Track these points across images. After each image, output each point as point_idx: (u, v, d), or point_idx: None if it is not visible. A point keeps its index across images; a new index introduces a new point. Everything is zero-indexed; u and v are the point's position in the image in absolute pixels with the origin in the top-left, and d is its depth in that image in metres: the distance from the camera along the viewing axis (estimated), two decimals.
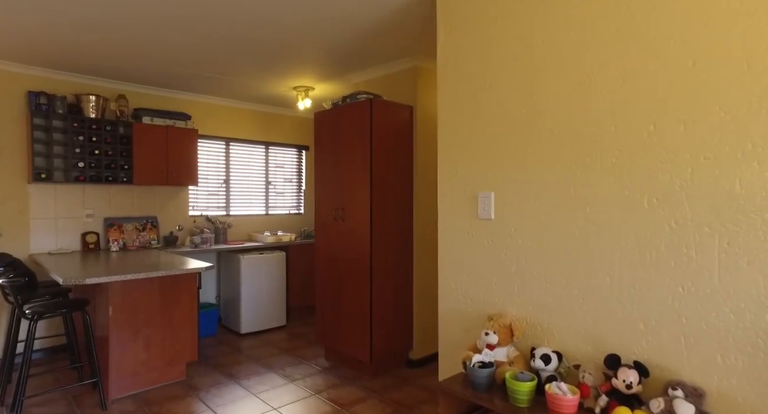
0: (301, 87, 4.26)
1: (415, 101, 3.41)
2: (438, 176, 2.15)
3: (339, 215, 3.33)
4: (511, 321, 1.77)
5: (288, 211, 5.42)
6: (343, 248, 3.31)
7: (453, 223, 2.07)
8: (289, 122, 5.41)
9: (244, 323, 4.26)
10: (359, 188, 3.17)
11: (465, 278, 2.02)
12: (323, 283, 3.49)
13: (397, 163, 3.30)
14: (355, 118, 3.20)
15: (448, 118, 2.09)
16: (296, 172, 5.53)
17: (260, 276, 4.35)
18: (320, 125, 3.50)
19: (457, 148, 2.05)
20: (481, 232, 1.95)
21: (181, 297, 3.02)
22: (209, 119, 4.75)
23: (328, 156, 3.43)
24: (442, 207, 2.13)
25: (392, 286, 3.27)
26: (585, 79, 1.58)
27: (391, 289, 3.26)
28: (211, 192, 4.79)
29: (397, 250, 3.30)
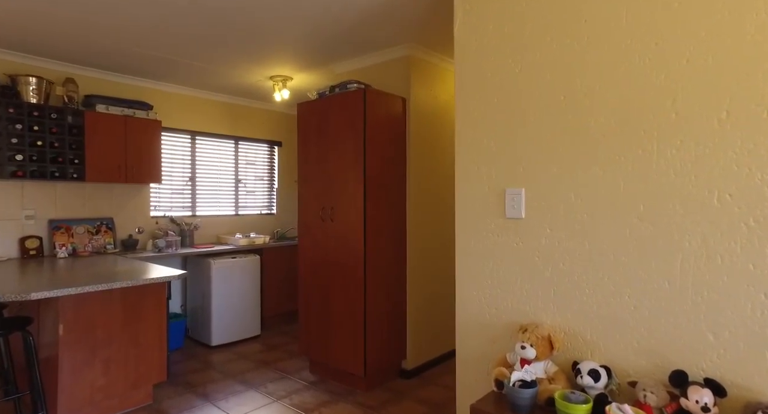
0: (279, 77, 3.93)
1: (408, 93, 3.19)
2: (456, 172, 1.94)
3: (327, 215, 3.05)
4: (549, 332, 1.58)
5: (259, 211, 5.05)
6: (331, 251, 3.03)
7: (474, 224, 1.87)
8: (261, 116, 5.04)
9: (216, 334, 3.87)
10: (351, 185, 2.91)
11: (488, 284, 1.82)
12: (308, 290, 3.20)
13: (390, 158, 3.07)
14: (346, 109, 2.93)
15: (468, 107, 1.88)
16: (268, 170, 5.17)
17: (233, 282, 3.98)
18: (305, 117, 3.20)
19: (479, 139, 1.84)
20: (508, 233, 1.76)
21: (147, 310, 2.64)
22: (173, 110, 4.31)
23: (314, 150, 3.14)
24: (461, 205, 1.92)
25: (386, 292, 3.03)
26: (639, 61, 1.42)
27: (384, 294, 3.02)
28: (175, 190, 4.35)
29: (390, 252, 3.07)
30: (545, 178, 1.65)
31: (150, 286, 2.62)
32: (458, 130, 1.92)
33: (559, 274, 1.62)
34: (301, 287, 3.24)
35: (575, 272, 1.57)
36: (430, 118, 3.40)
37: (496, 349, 1.80)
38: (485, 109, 1.82)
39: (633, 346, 1.43)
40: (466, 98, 1.89)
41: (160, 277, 2.52)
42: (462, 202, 1.91)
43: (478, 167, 1.86)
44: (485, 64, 1.82)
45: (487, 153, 1.82)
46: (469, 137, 1.88)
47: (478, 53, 1.84)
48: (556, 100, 1.61)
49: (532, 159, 1.68)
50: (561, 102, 1.60)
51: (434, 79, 3.41)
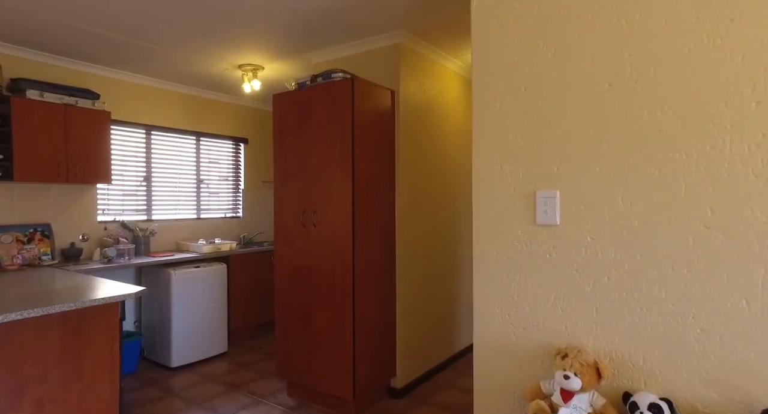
0: (249, 66, 3.55)
1: (397, 86, 2.92)
2: (473, 171, 1.69)
3: (309, 219, 2.72)
4: (595, 358, 1.36)
5: (223, 214, 4.61)
6: (314, 259, 2.71)
7: (496, 231, 1.62)
8: (226, 110, 4.60)
9: (176, 354, 3.43)
10: (338, 186, 2.59)
11: (515, 300, 1.58)
12: (286, 302, 2.85)
13: (379, 156, 2.79)
14: (331, 101, 2.62)
15: (488, 97, 1.63)
16: (233, 169, 4.73)
17: (196, 294, 3.55)
18: (282, 109, 2.85)
19: (503, 134, 1.60)
20: (540, 242, 1.52)
21: (94, 336, 2.20)
22: (126, 101, 3.81)
23: (293, 146, 2.80)
24: (480, 210, 1.66)
25: (376, 303, 2.74)
26: (707, 42, 1.22)
27: (375, 306, 2.73)
28: (127, 192, 3.85)
29: (380, 259, 2.78)
30: (585, 179, 1.43)
31: (98, 308, 2.19)
32: (476, 123, 1.67)
33: (603, 290, 1.40)
34: (278, 300, 2.89)
35: (623, 288, 1.36)
36: (421, 113, 3.15)
37: (525, 375, 1.56)
38: (510, 99, 1.58)
39: (700, 375, 1.23)
40: (485, 86, 1.64)
41: (113, 297, 2.10)
42: (481, 206, 1.66)
43: (501, 166, 1.61)
44: (509, 47, 1.58)
45: (512, 150, 1.58)
46: (489, 132, 1.64)
47: (500, 34, 1.60)
48: (600, 88, 1.39)
49: (569, 157, 1.46)
50: (605, 91, 1.38)
51: (424, 71, 3.16)
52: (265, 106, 4.95)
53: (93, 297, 2.06)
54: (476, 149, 1.68)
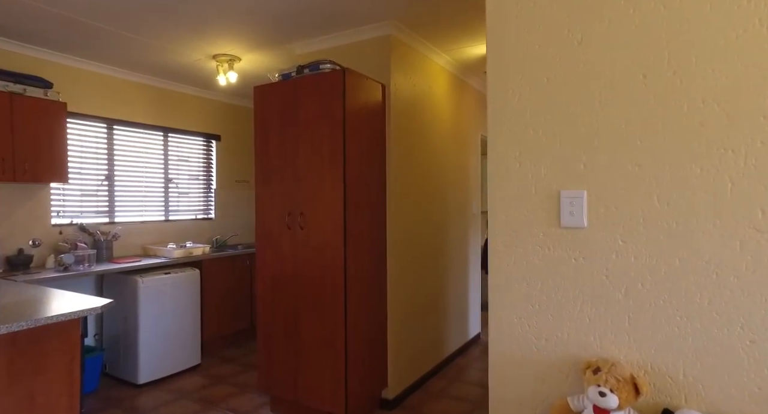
0: (224, 56, 3.29)
1: (387, 80, 2.76)
2: (489, 169, 1.55)
3: (295, 222, 2.52)
4: (632, 372, 1.24)
5: (194, 215, 4.31)
6: (301, 265, 2.51)
7: (515, 234, 1.49)
8: (197, 104, 4.30)
9: (145, 369, 3.13)
10: (328, 186, 2.41)
11: (536, 309, 1.45)
12: (269, 311, 2.63)
13: (371, 154, 2.62)
14: (321, 94, 2.43)
15: (506, 88, 1.50)
16: (204, 168, 4.44)
17: (166, 302, 3.26)
18: (265, 102, 2.64)
19: (523, 129, 1.47)
20: (564, 246, 1.40)
21: (50, 359, 1.92)
22: (85, 91, 3.46)
23: (278, 143, 2.59)
24: (496, 211, 1.53)
25: (368, 310, 2.57)
26: (758, 28, 1.12)
27: (366, 313, 2.56)
28: (87, 192, 3.51)
29: (372, 264, 2.62)
30: (617, 178, 1.31)
31: (55, 326, 1.91)
32: (492, 118, 1.53)
33: (636, 298, 1.29)
34: (261, 308, 2.67)
35: (660, 295, 1.25)
36: (412, 109, 3.00)
37: (547, 390, 1.44)
38: (530, 91, 1.45)
39: (751, 391, 1.14)
40: (501, 77, 1.51)
41: (73, 313, 1.83)
42: (498, 207, 1.53)
43: (520, 164, 1.48)
44: (530, 34, 1.45)
45: (533, 146, 1.45)
46: (507, 127, 1.50)
47: (519, 20, 1.47)
48: (634, 79, 1.28)
49: (597, 154, 1.34)
50: (640, 82, 1.27)
51: (414, 66, 3.02)
52: (239, 101, 4.67)
53: (48, 314, 1.78)
54: (492, 146, 1.54)
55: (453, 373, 3.33)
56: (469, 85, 3.92)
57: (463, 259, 3.84)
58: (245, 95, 4.54)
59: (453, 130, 3.61)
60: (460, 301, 3.77)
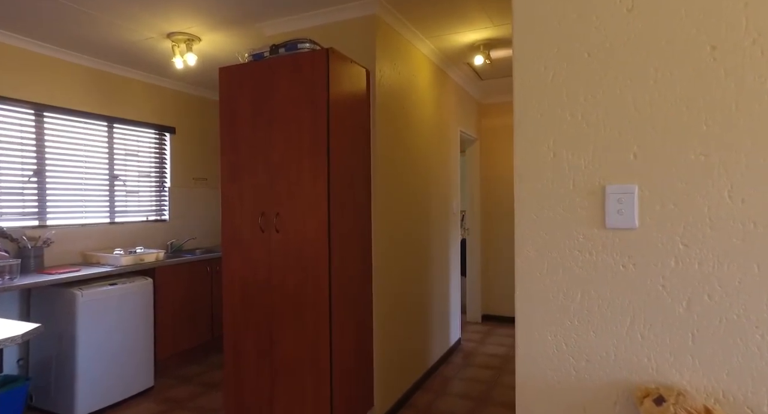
0: (181, 35, 2.89)
1: (372, 65, 2.49)
2: (515, 162, 1.32)
3: (270, 224, 2.19)
4: (705, 403, 1.04)
5: (145, 217, 3.83)
6: (276, 273, 2.18)
7: (548, 237, 1.26)
8: (148, 92, 3.83)
9: (83, 398, 2.67)
10: (308, 182, 2.10)
11: (573, 325, 1.23)
12: (238, 327, 2.28)
13: (356, 146, 2.34)
14: (301, 77, 2.12)
15: (538, 66, 1.27)
16: (157, 164, 3.96)
17: (111, 318, 2.82)
18: (232, 86, 2.29)
19: (558, 113, 1.25)
20: (610, 250, 1.19)
21: None
22: (6, 71, 2.94)
23: (248, 132, 2.25)
24: (524, 211, 1.30)
25: (354, 322, 2.28)
26: None
27: (353, 326, 2.27)
28: (8, 190, 2.98)
29: (357, 270, 2.33)
30: (676, 170, 1.11)
31: None
32: (520, 100, 1.30)
33: (703, 311, 1.09)
34: (229, 324, 2.31)
35: (733, 309, 1.06)
36: (398, 99, 2.74)
37: None
38: (568, 68, 1.23)
39: None
40: (531, 51, 1.28)
41: None
42: (527, 205, 1.30)
43: (554, 154, 1.26)
44: (566, 3, 1.23)
45: (571, 133, 1.23)
46: (538, 110, 1.27)
47: None
48: (699, 51, 1.09)
49: (652, 141, 1.14)
50: (707, 55, 1.08)
51: (399, 52, 2.76)
52: (197, 91, 4.22)
53: None
54: (520, 133, 1.31)
55: (438, 386, 3.11)
56: (449, 77, 3.72)
57: (444, 260, 3.63)
58: (205, 84, 4.10)
59: (434, 124, 3.38)
60: (442, 305, 3.56)
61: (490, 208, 4.70)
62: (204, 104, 4.33)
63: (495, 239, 4.68)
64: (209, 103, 4.38)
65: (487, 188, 4.71)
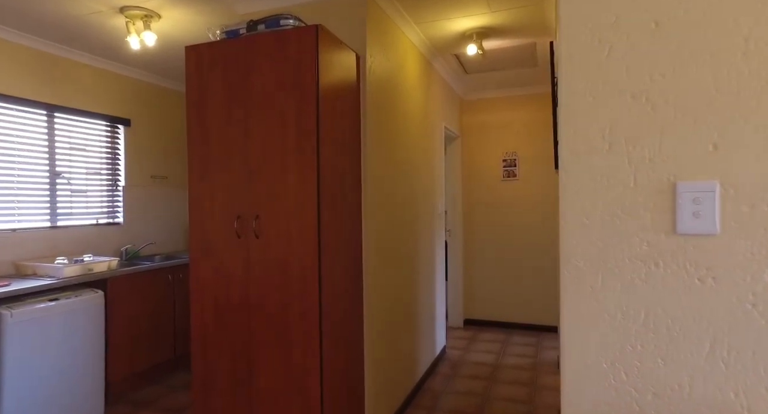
0: (136, 10, 2.51)
1: (363, 49, 2.22)
2: (561, 153, 1.10)
3: (248, 228, 1.88)
4: None
5: (95, 220, 3.38)
6: (258, 287, 1.88)
7: (602, 244, 1.05)
8: (98, 77, 3.38)
9: None
10: (295, 180, 1.81)
11: (636, 350, 1.03)
12: (210, 350, 1.96)
13: (346, 140, 2.07)
14: (285, 59, 1.83)
15: (591, 39, 1.06)
16: (108, 160, 3.52)
17: (50, 340, 2.40)
18: (202, 68, 1.96)
19: (616, 95, 1.04)
20: (683, 261, 0.99)
21: None
22: None
23: (221, 123, 1.93)
24: (571, 212, 1.08)
25: (345, 341, 2.01)
26: None
27: (344, 345, 2.00)
28: None
29: (348, 280, 2.06)
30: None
31: None
32: (567, 79, 1.08)
33: None
34: (197, 349, 1.98)
35: None
36: (389, 89, 2.50)
37: None
38: (631, 40, 1.02)
39: None
40: (583, 21, 1.06)
41: None
42: (573, 206, 1.08)
43: (610, 145, 1.05)
44: None
45: (634, 118, 1.03)
46: (590, 91, 1.06)
47: None
48: None
49: (738, 128, 0.95)
50: None
51: (389, 38, 2.52)
52: (157, 79, 3.79)
53: None
54: (565, 120, 1.09)
55: (428, 401, 2.88)
56: (435, 70, 3.51)
57: (431, 264, 3.41)
58: (166, 71, 3.69)
59: (421, 119, 3.16)
60: (429, 312, 3.34)
61: (471, 209, 4.53)
62: (165, 94, 3.90)
63: (477, 240, 4.52)
64: (171, 94, 3.96)
65: (469, 188, 4.54)
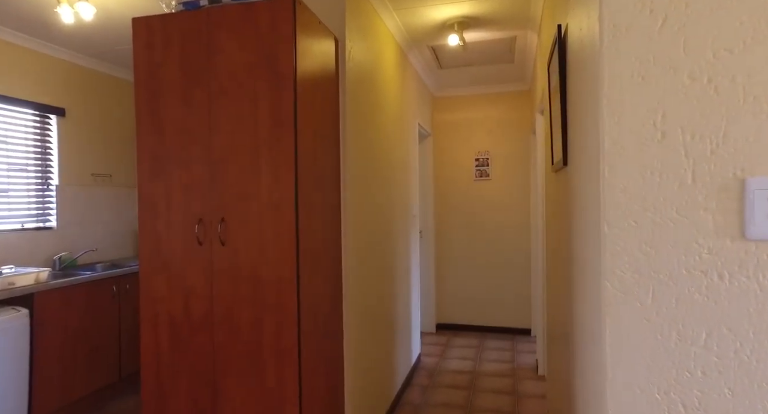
0: None
1: (342, 33, 1.99)
2: (606, 144, 0.93)
3: (213, 234, 1.60)
4: None
5: (20, 224, 2.92)
6: (223, 303, 1.60)
7: (652, 251, 0.90)
8: (21, 58, 2.92)
9: None
10: (269, 178, 1.55)
11: (695, 378, 0.87)
12: (164, 378, 1.65)
13: (326, 133, 1.83)
14: (258, 34, 1.56)
15: (640, 6, 0.89)
16: (38, 155, 3.06)
17: None
18: (154, 45, 1.66)
19: (670, 72, 0.88)
20: (753, 271, 0.85)
21: None
22: None
23: (178, 111, 1.64)
24: (615, 214, 0.92)
25: (324, 365, 1.77)
26: None
27: (323, 371, 1.75)
28: None
29: (328, 291, 1.83)
30: None
31: None
32: (609, 51, 0.92)
33: None
34: (149, 372, 1.66)
35: None
36: (368, 79, 2.28)
37: None
38: (690, 8, 0.87)
39: None
40: None
41: None
42: (618, 204, 0.92)
43: (663, 134, 0.89)
44: None
45: (692, 102, 0.87)
46: (637, 67, 0.90)
47: None
48: None
49: None
50: None
51: (368, 24, 2.30)
52: (98, 63, 3.35)
53: None
54: (609, 104, 0.93)
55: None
56: (410, 62, 3.32)
57: (407, 268, 3.22)
58: (108, 54, 3.26)
59: (397, 114, 2.96)
60: (406, 319, 3.15)
61: (443, 209, 4.40)
62: (108, 81, 3.46)
63: (449, 242, 4.38)
64: (116, 81, 3.52)
65: (441, 188, 4.40)
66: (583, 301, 1.24)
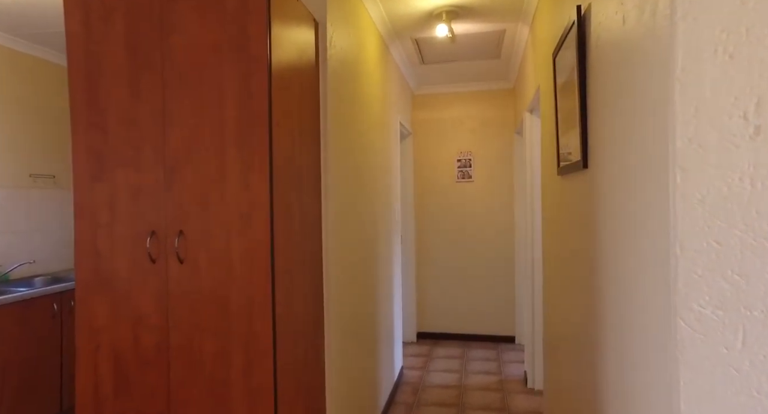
0: None
1: (323, 15, 1.74)
2: (678, 143, 0.73)
3: (168, 249, 1.31)
4: None
5: None
6: (180, 331, 1.31)
7: (742, 281, 0.70)
8: None
9: None
10: (236, 182, 1.28)
11: None
12: None
13: (304, 130, 1.57)
14: (221, 10, 1.29)
15: None
16: None
17: None
18: (91, 22, 1.36)
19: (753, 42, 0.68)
20: None
21: None
22: None
23: (124, 100, 1.34)
24: (688, 231, 0.72)
25: (303, 403, 1.51)
26: None
27: (302, 409, 1.49)
28: None
29: (308, 320, 1.57)
30: None
31: None
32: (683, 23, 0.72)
33: None
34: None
35: None
36: (351, 69, 2.03)
37: None
38: None
39: None
40: None
41: None
42: (692, 220, 0.72)
43: (756, 127, 0.70)
44: None
45: None
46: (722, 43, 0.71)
47: None
48: None
49: None
50: None
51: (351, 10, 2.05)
52: (28, 48, 2.94)
53: None
54: (682, 90, 0.73)
55: None
56: (391, 56, 3.10)
57: (389, 280, 2.99)
58: (41, 37, 2.86)
59: (379, 110, 2.73)
60: (388, 332, 2.92)
61: (424, 213, 4.19)
62: (43, 68, 3.06)
63: (430, 247, 4.18)
64: (55, 69, 3.12)
65: (421, 190, 4.19)
66: (630, 331, 1.04)
